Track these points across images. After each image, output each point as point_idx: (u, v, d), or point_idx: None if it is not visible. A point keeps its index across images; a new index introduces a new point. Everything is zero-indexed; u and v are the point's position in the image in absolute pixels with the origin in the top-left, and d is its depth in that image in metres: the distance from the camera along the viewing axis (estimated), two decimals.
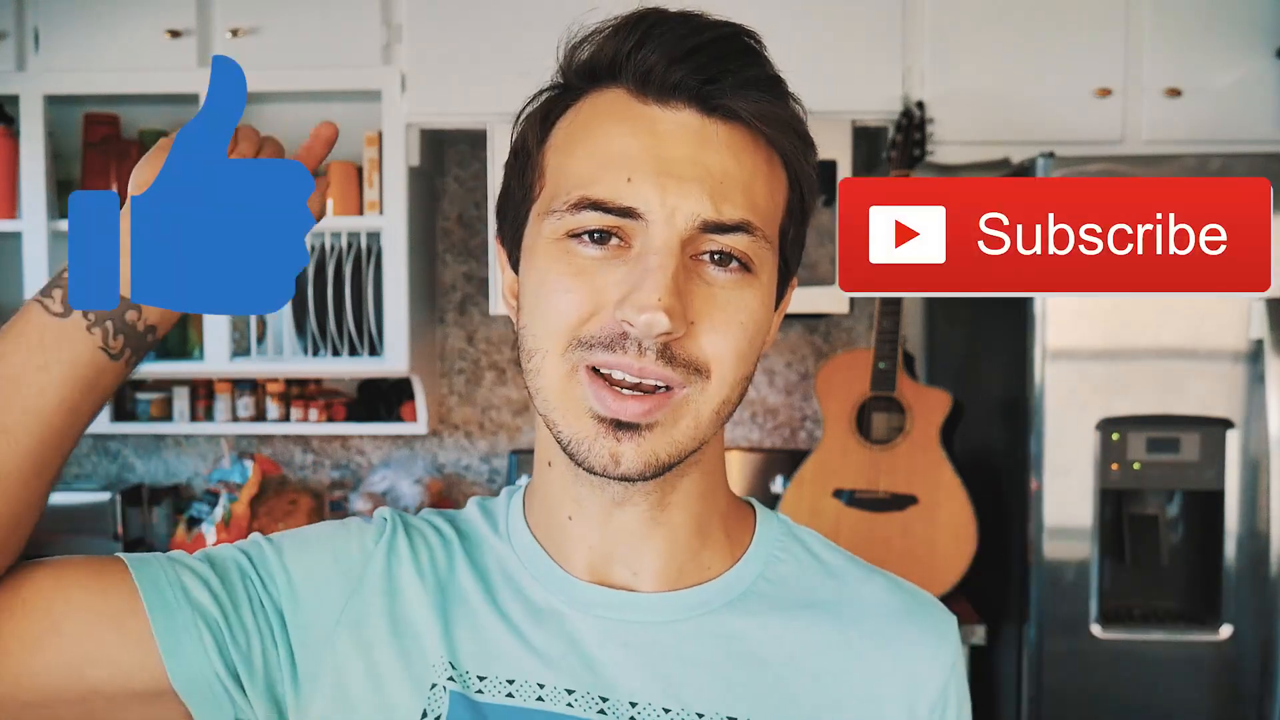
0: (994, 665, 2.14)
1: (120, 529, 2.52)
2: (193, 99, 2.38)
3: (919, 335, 2.67)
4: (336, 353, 2.42)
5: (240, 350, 2.47)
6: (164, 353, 2.51)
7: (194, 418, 2.63)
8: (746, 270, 0.62)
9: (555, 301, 0.61)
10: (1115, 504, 1.95)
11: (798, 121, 0.65)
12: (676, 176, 0.60)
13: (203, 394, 2.63)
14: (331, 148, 0.70)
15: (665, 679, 0.66)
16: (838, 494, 2.18)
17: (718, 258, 0.61)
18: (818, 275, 2.26)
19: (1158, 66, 2.26)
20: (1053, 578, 1.91)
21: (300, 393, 2.62)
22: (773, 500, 2.33)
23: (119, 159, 2.46)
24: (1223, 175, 1.85)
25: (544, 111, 0.66)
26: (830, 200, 2.25)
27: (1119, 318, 1.87)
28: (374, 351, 2.43)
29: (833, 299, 2.27)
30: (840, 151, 2.26)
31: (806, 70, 2.58)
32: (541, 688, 0.65)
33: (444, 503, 2.64)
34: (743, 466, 2.56)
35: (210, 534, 2.47)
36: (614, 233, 0.61)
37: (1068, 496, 1.90)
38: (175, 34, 2.32)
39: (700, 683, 0.66)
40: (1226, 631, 1.88)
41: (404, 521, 0.72)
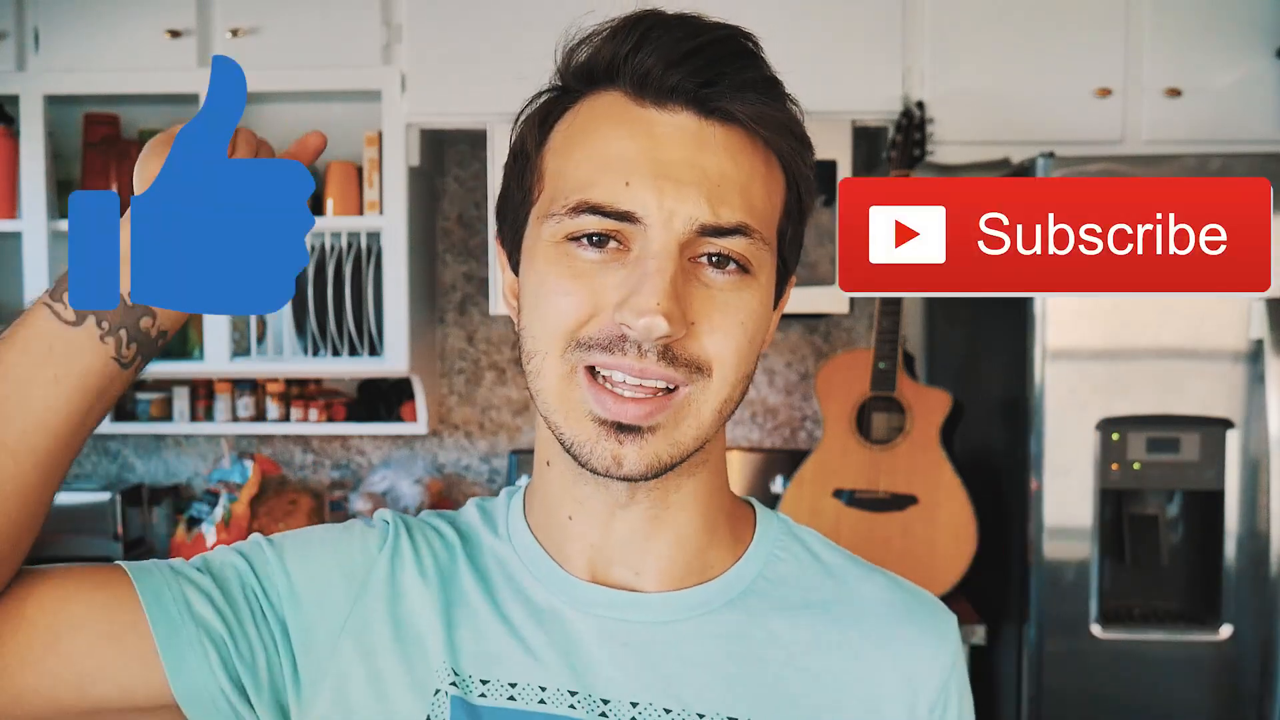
0: (994, 665, 2.14)
1: (120, 529, 2.52)
2: (193, 99, 2.38)
3: (919, 335, 2.67)
4: (336, 353, 2.42)
5: (240, 350, 2.47)
6: (164, 353, 2.50)
7: (194, 418, 2.63)
8: (745, 272, 0.62)
9: (554, 304, 0.62)
10: (1115, 504, 1.95)
11: (795, 123, 0.65)
12: (674, 180, 0.60)
13: (203, 394, 2.64)
14: (318, 157, 0.68)
15: (665, 679, 0.66)
16: (838, 494, 2.18)
17: (716, 260, 0.61)
18: (818, 275, 2.26)
19: (1158, 66, 2.26)
20: (1053, 578, 1.91)
21: (300, 393, 2.62)
22: (773, 500, 2.33)
23: (119, 159, 2.46)
24: (1223, 175, 1.85)
25: (542, 114, 0.66)
26: (830, 200, 2.25)
27: (1119, 318, 1.87)
28: (374, 351, 2.43)
29: (833, 299, 2.27)
30: (840, 151, 2.26)
31: (806, 70, 2.58)
32: (544, 690, 0.65)
33: (444, 503, 2.64)
34: (743, 466, 2.56)
35: (210, 534, 2.47)
36: (613, 236, 0.61)
37: (1068, 496, 1.90)
38: (175, 34, 2.32)
39: (700, 683, 0.66)
40: (1226, 631, 1.88)
41: (406, 524, 0.72)
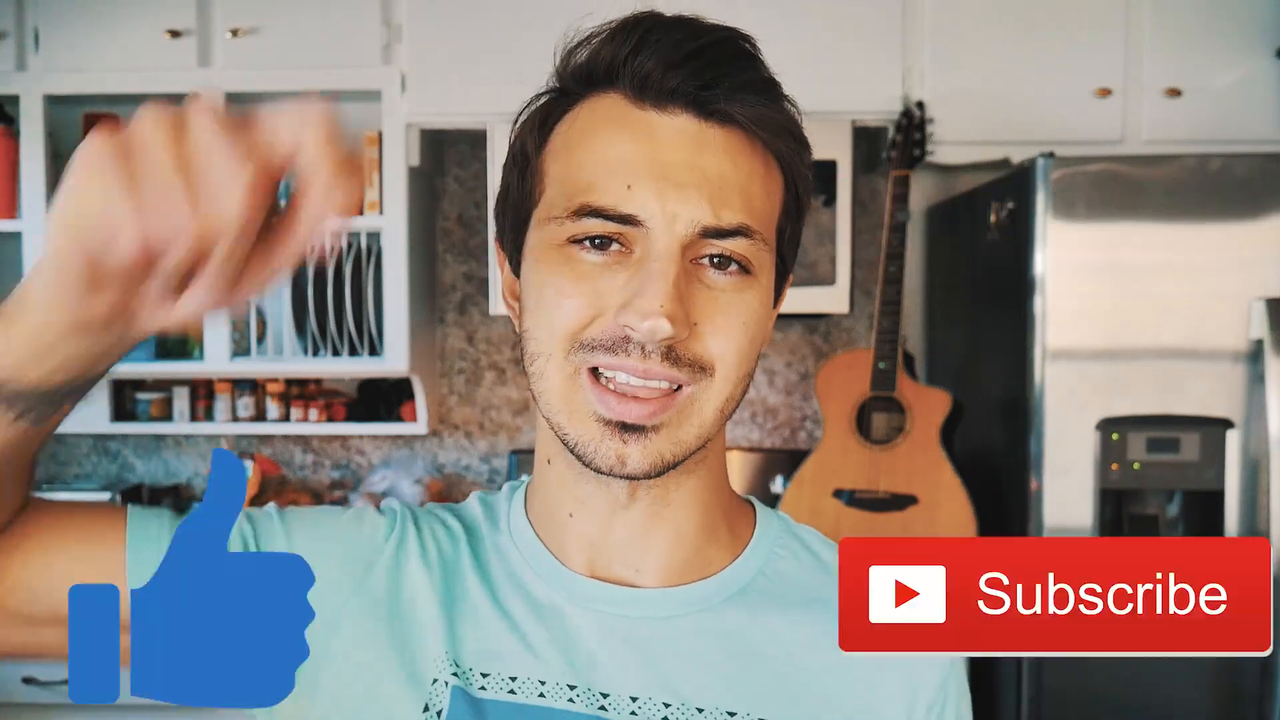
0: (994, 665, 2.14)
1: None
2: None
3: (919, 335, 2.67)
4: (336, 353, 2.42)
5: (240, 350, 2.47)
6: (164, 353, 2.52)
7: (194, 418, 2.63)
8: (746, 272, 0.63)
9: (557, 306, 0.62)
10: (1115, 504, 1.95)
11: (793, 124, 0.65)
12: (676, 183, 0.60)
13: (203, 394, 2.64)
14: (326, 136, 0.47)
15: (665, 674, 0.66)
16: (838, 494, 2.18)
17: (717, 261, 0.62)
18: (818, 275, 2.26)
19: (1158, 66, 2.26)
20: None
21: (300, 393, 2.62)
22: (773, 500, 2.33)
23: None
24: (1223, 175, 1.85)
25: (541, 116, 0.67)
26: (830, 200, 2.26)
27: (1119, 318, 1.87)
28: (374, 351, 2.43)
29: (833, 299, 2.27)
30: (840, 151, 2.26)
31: (806, 71, 2.59)
32: (543, 684, 0.66)
33: (444, 502, 2.64)
34: (743, 466, 2.57)
35: None
36: (615, 239, 0.61)
37: (1068, 496, 1.90)
38: (175, 34, 2.33)
39: (699, 678, 0.66)
40: None
41: (413, 515, 0.72)
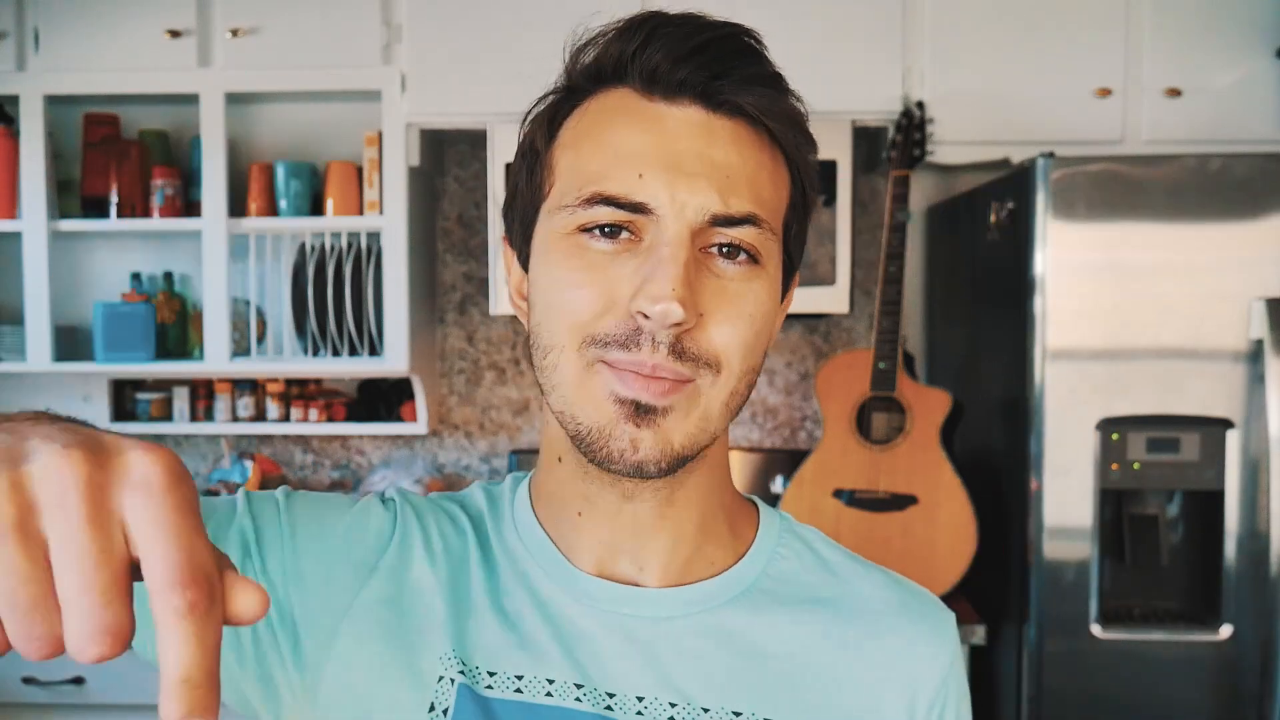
0: (994, 665, 2.14)
1: None
2: (192, 99, 2.38)
3: (919, 335, 2.67)
4: (336, 353, 2.42)
5: (240, 350, 2.47)
6: (164, 353, 2.52)
7: (194, 418, 2.63)
8: (754, 262, 0.63)
9: (569, 297, 0.62)
10: (1115, 504, 1.95)
11: (800, 117, 0.66)
12: (686, 173, 0.61)
13: (203, 394, 2.64)
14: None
15: (670, 674, 0.66)
16: (838, 494, 2.18)
17: (726, 250, 0.62)
18: (818, 275, 2.26)
19: (1158, 66, 2.26)
20: (1053, 578, 1.91)
21: (300, 393, 2.62)
22: (773, 500, 2.33)
23: (119, 159, 2.46)
24: (1223, 175, 1.85)
25: (551, 112, 0.67)
26: (830, 200, 2.25)
27: (1119, 318, 1.87)
28: (374, 351, 2.43)
29: (833, 299, 2.27)
30: (840, 151, 2.26)
31: (806, 70, 2.58)
32: (550, 683, 0.66)
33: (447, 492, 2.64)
34: (743, 466, 2.57)
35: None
36: (625, 227, 0.62)
37: (1068, 496, 1.90)
38: (175, 34, 2.33)
39: (704, 678, 0.66)
40: (1226, 631, 1.88)
41: (415, 509, 0.72)
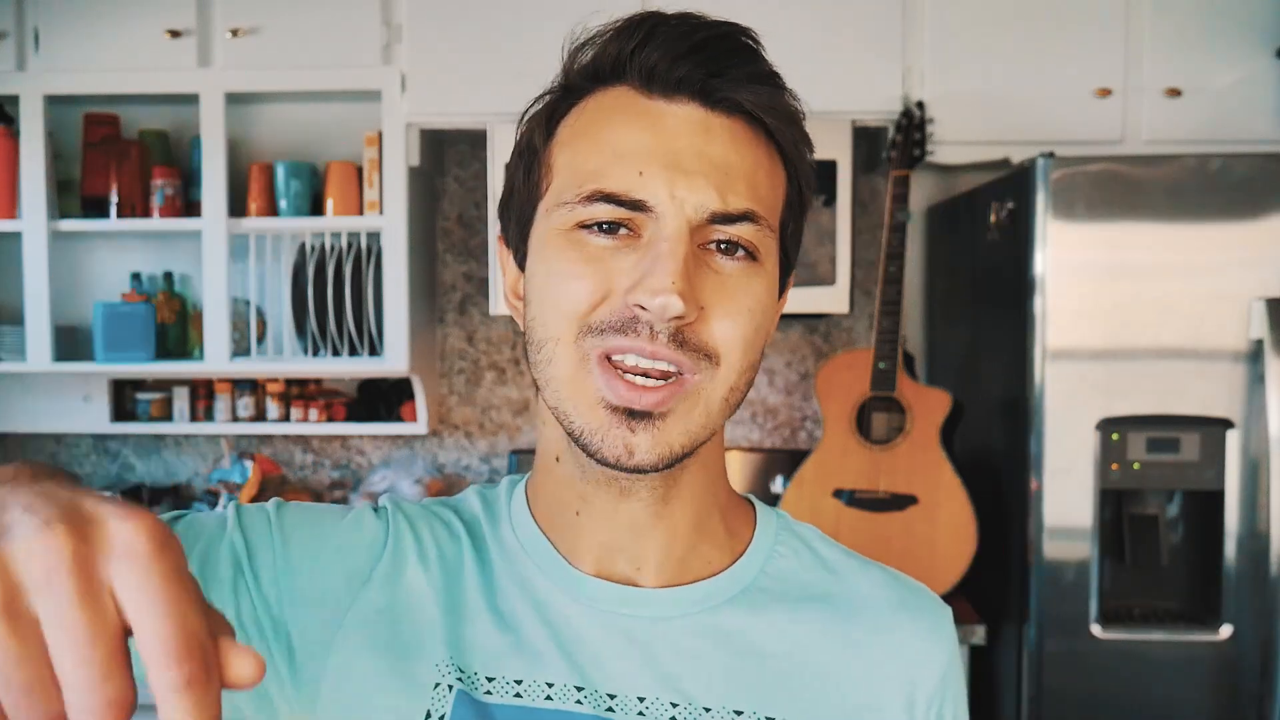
0: (994, 665, 2.14)
1: None
2: (192, 99, 2.38)
3: (919, 335, 2.67)
4: (336, 353, 2.42)
5: (240, 350, 2.47)
6: (164, 353, 2.52)
7: (194, 418, 2.63)
8: (752, 259, 0.63)
9: (566, 288, 0.62)
10: (1115, 504, 1.95)
11: (797, 115, 0.66)
12: (685, 170, 0.61)
13: (203, 394, 2.64)
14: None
15: (671, 674, 0.66)
16: (838, 494, 2.18)
17: (725, 247, 0.62)
18: (818, 275, 2.26)
19: (1158, 66, 2.26)
20: (1053, 578, 1.91)
21: (300, 393, 2.62)
22: (773, 500, 2.33)
23: (119, 159, 2.46)
24: (1223, 175, 1.85)
25: (549, 111, 0.67)
26: (830, 200, 2.25)
27: (1119, 318, 1.87)
28: (374, 351, 2.43)
29: (833, 299, 2.27)
30: (840, 151, 2.26)
31: (806, 70, 2.58)
32: (550, 687, 0.65)
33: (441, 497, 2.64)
34: (743, 466, 2.57)
35: None
36: (624, 224, 0.62)
37: (1068, 496, 1.90)
38: (175, 34, 2.33)
39: (705, 678, 0.66)
40: (1226, 631, 1.88)
41: (408, 516, 0.71)
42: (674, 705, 0.65)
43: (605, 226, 0.62)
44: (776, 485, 2.49)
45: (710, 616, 0.68)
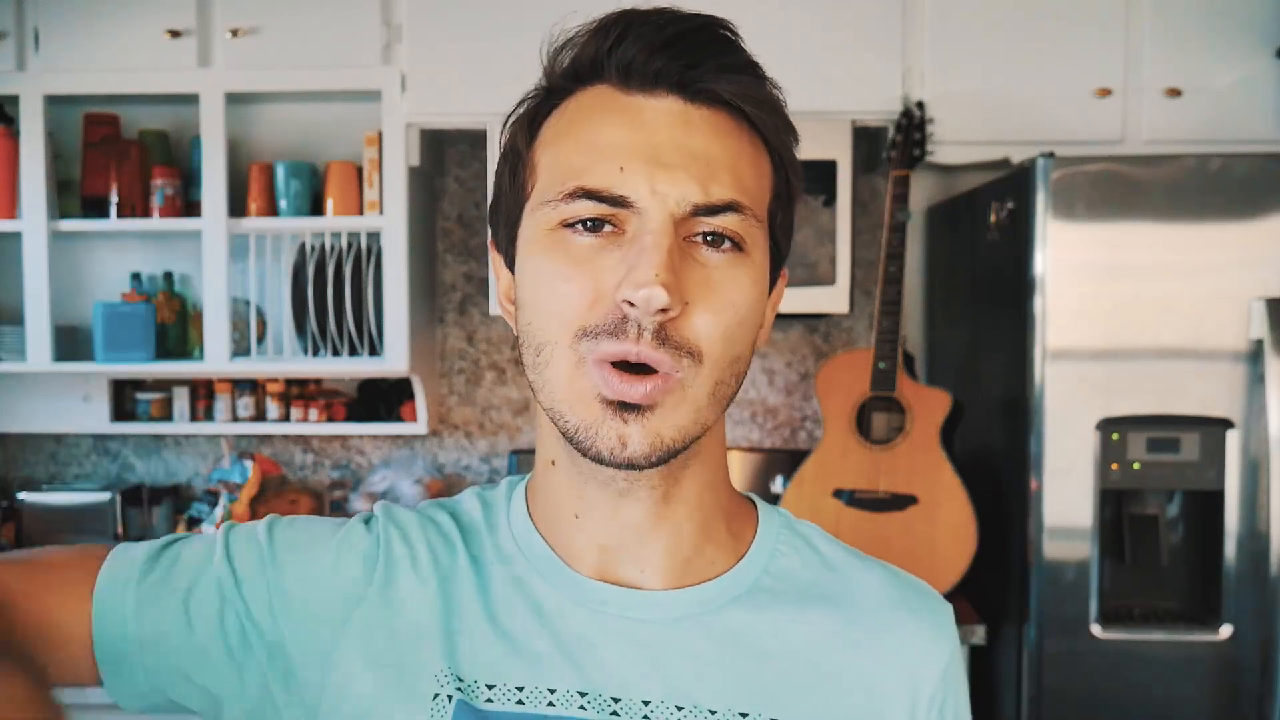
0: (994, 665, 2.14)
1: (120, 529, 2.52)
2: (192, 99, 2.38)
3: (919, 335, 2.67)
4: (336, 353, 2.42)
5: (240, 350, 2.47)
6: (164, 353, 2.52)
7: (194, 418, 2.63)
8: (739, 249, 0.63)
9: (557, 291, 0.62)
10: (1115, 504, 1.95)
11: (779, 103, 0.66)
12: (665, 164, 0.61)
13: (203, 394, 2.64)
14: None
15: (675, 677, 0.66)
16: (838, 494, 2.18)
17: (710, 239, 0.62)
18: (818, 275, 2.26)
19: (1158, 66, 2.26)
20: (1053, 578, 1.91)
21: (300, 393, 2.62)
22: (773, 500, 2.33)
23: (119, 159, 2.46)
24: (1223, 175, 1.85)
25: (531, 114, 0.67)
26: (830, 200, 2.25)
27: (1119, 318, 1.87)
28: (374, 351, 2.43)
29: (833, 299, 2.27)
30: (840, 151, 2.26)
31: (806, 70, 2.58)
32: (553, 692, 0.65)
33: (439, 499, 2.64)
34: (743, 466, 2.57)
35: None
36: (608, 220, 0.62)
37: (1068, 496, 1.90)
38: (175, 34, 2.33)
39: (710, 679, 0.66)
40: (1226, 631, 1.88)
41: (399, 526, 0.71)
42: (679, 709, 0.65)
43: (589, 224, 0.62)
44: (776, 485, 2.49)
45: (714, 618, 0.68)
